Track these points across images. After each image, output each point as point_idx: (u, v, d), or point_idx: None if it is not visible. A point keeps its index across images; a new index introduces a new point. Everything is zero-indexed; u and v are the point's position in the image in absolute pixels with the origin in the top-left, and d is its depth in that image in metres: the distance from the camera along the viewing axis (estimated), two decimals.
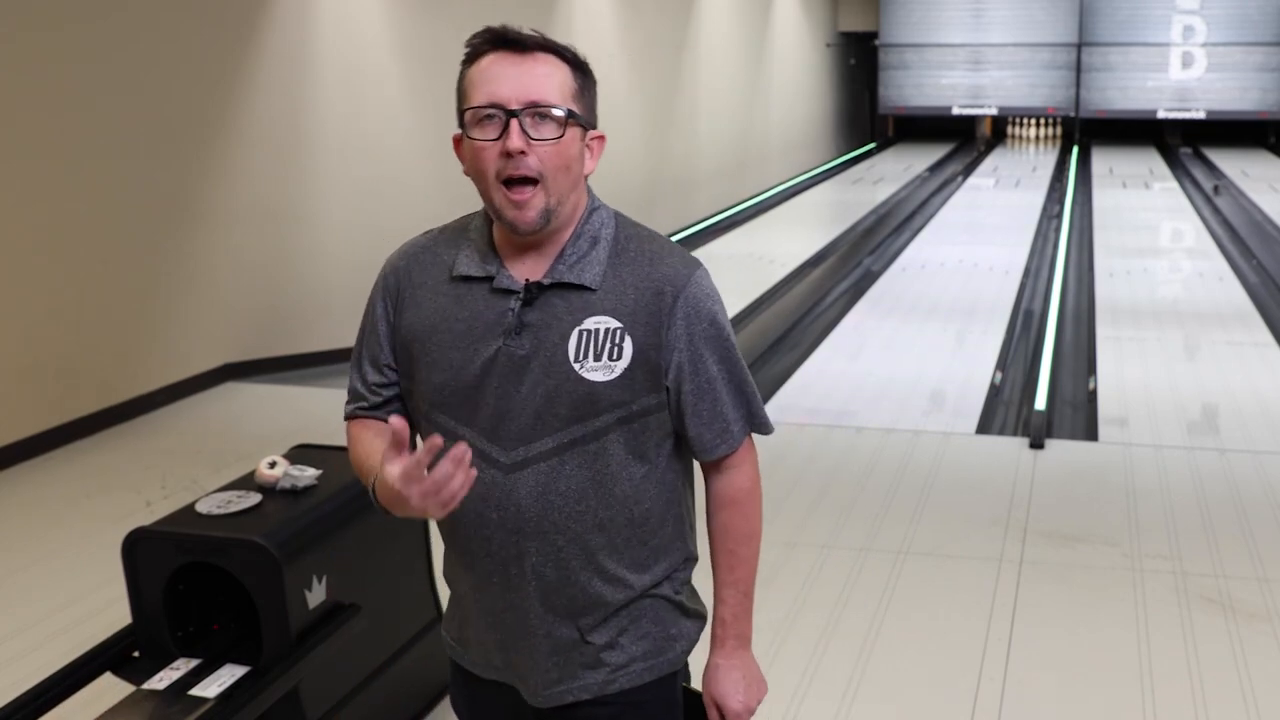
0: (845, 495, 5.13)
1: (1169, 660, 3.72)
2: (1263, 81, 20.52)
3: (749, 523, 2.03)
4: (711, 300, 1.82)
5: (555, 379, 1.74)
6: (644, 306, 1.76)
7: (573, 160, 1.75)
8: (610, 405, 1.76)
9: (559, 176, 1.73)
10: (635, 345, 1.76)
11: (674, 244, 1.87)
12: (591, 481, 1.79)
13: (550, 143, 1.71)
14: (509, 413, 1.76)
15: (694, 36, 13.42)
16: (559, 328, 1.75)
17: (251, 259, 7.04)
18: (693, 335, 1.79)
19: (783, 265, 10.80)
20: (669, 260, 1.81)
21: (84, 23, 5.81)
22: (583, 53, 1.81)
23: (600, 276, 1.77)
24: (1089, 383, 7.01)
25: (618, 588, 1.87)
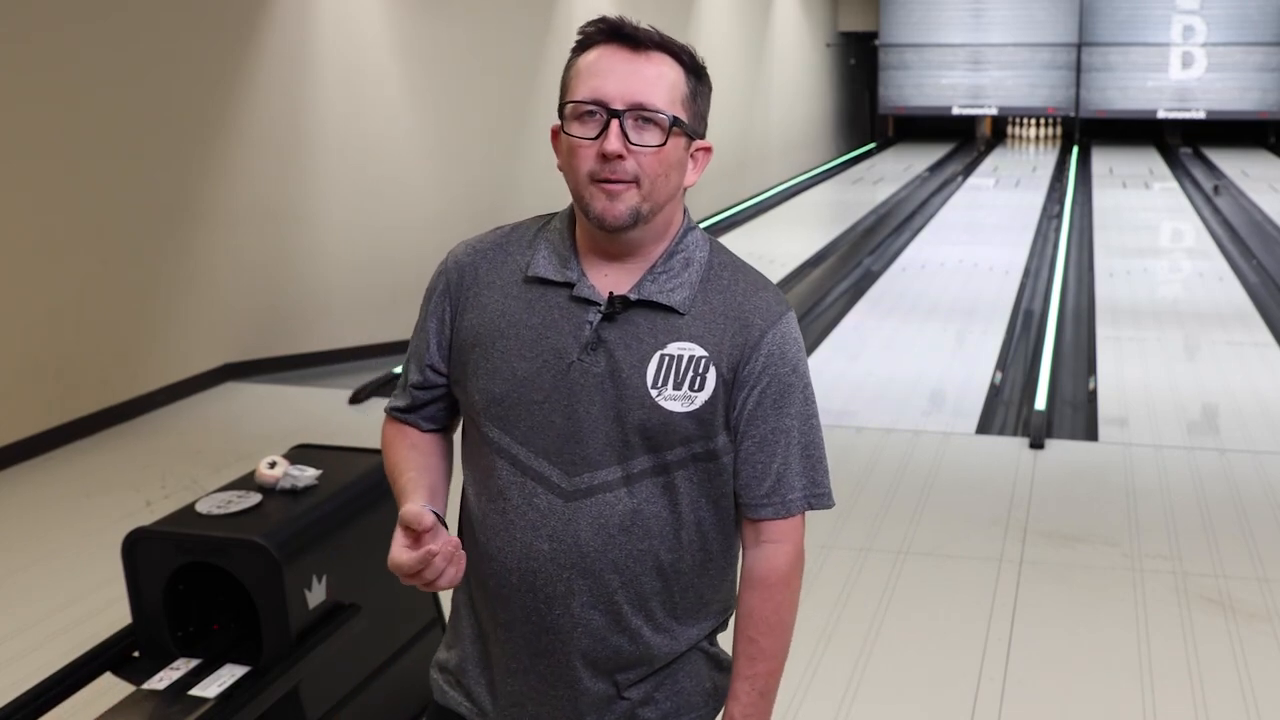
0: (845, 495, 5.13)
1: (1169, 660, 3.72)
2: (1263, 81, 20.52)
3: (779, 612, 1.71)
4: (799, 347, 1.71)
5: (630, 403, 1.62)
6: (730, 338, 1.65)
7: (673, 169, 1.63)
8: (685, 439, 1.64)
9: (657, 183, 1.62)
10: (719, 377, 1.64)
11: (768, 280, 1.77)
12: (657, 519, 1.65)
13: (651, 150, 1.60)
14: (576, 435, 1.63)
15: (694, 36, 13.42)
16: (640, 349, 1.63)
17: (251, 259, 7.04)
18: (771, 377, 1.66)
19: (783, 265, 10.79)
20: (763, 294, 1.71)
21: (84, 22, 5.81)
22: (701, 56, 1.70)
23: (690, 300, 1.66)
24: (1089, 383, 7.01)
25: (665, 638, 1.71)
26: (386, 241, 7.77)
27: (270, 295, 7.21)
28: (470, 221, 8.55)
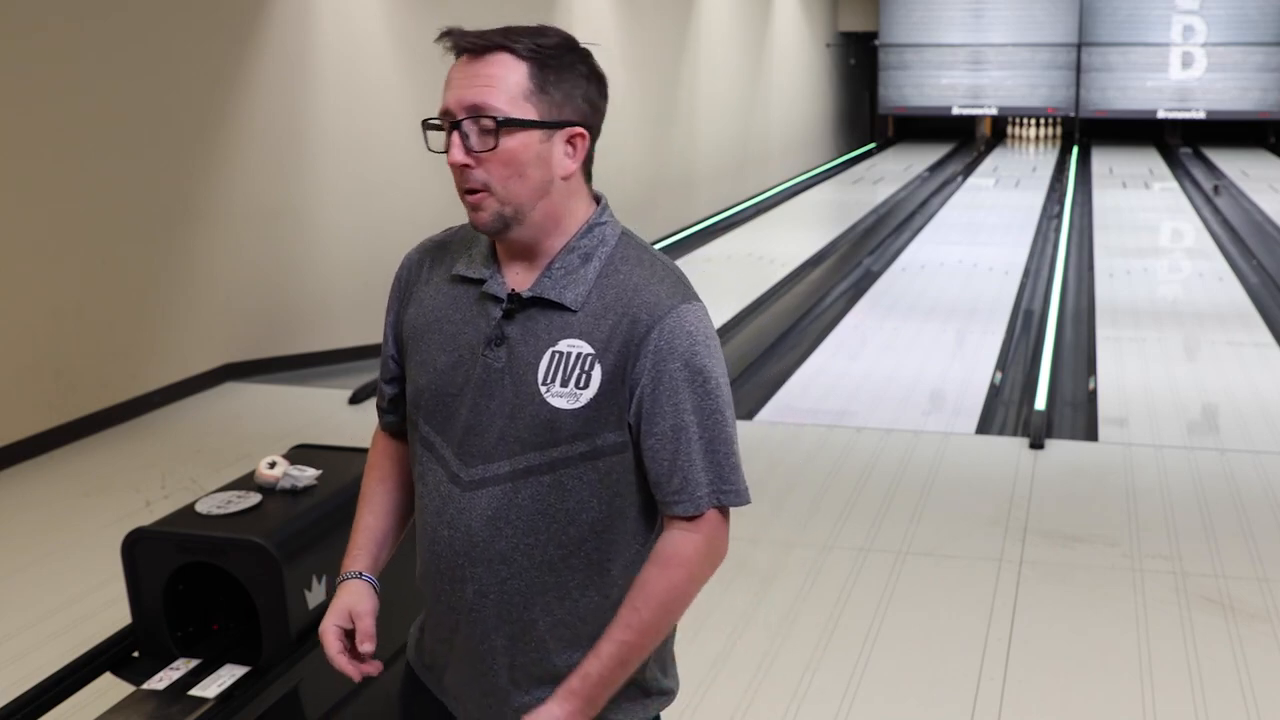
0: (845, 495, 5.13)
1: (1169, 660, 3.73)
2: (1263, 81, 20.51)
3: (670, 591, 1.66)
4: (693, 340, 1.64)
5: (523, 399, 1.64)
6: (620, 334, 1.63)
7: (527, 166, 1.63)
8: (571, 436, 1.64)
9: (510, 185, 1.63)
10: (604, 375, 1.63)
11: (674, 273, 1.71)
12: (544, 515, 1.67)
13: (490, 153, 1.62)
14: (476, 427, 1.67)
15: (694, 36, 13.42)
16: (535, 346, 1.65)
17: (251, 259, 7.03)
18: (660, 373, 1.62)
19: (783, 265, 10.80)
20: (657, 288, 1.66)
21: (84, 22, 5.81)
22: (555, 38, 1.65)
23: (583, 297, 1.65)
24: (1089, 383, 7.01)
25: (562, 636, 1.71)
26: (386, 242, 7.76)
27: (270, 295, 7.21)
28: None
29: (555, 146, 1.64)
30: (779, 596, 4.18)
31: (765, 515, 4.93)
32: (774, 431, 6.07)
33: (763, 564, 4.45)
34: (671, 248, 11.72)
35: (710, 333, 1.67)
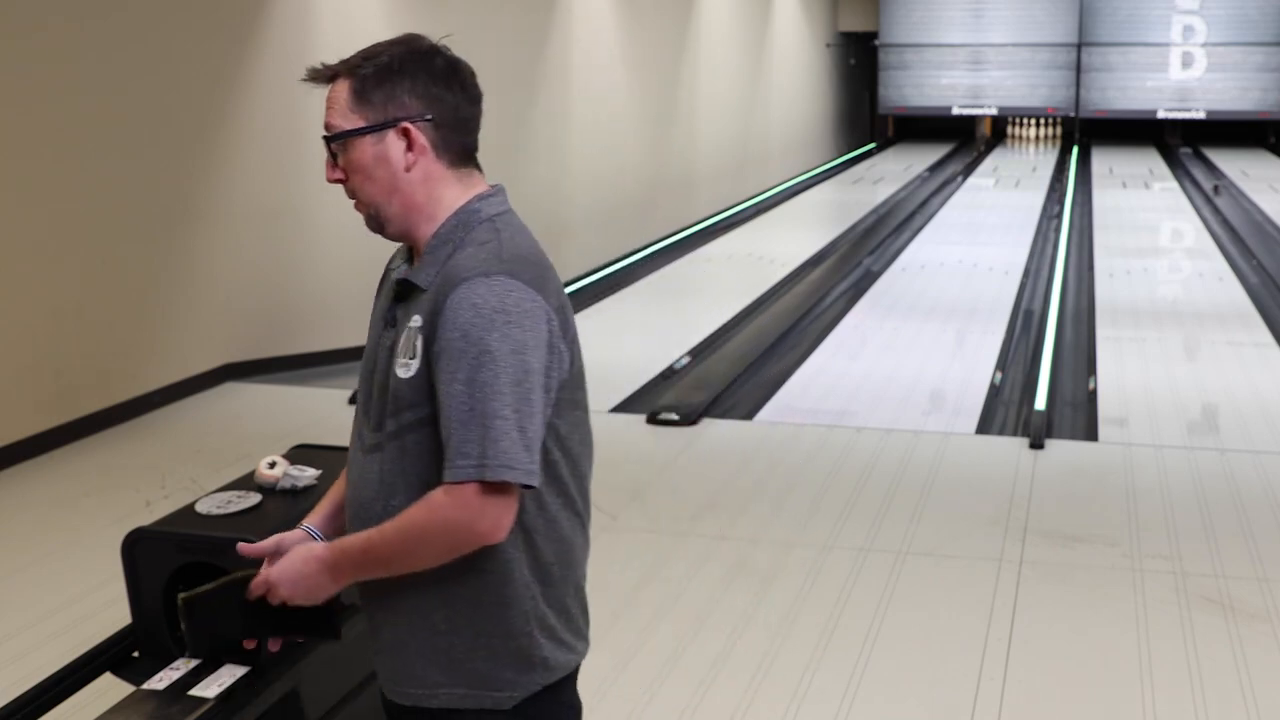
0: (845, 495, 5.13)
1: (1169, 660, 3.73)
2: (1263, 81, 20.51)
3: (411, 525, 1.71)
4: (477, 311, 1.69)
5: (388, 371, 1.80)
6: (435, 307, 1.74)
7: (371, 169, 1.81)
8: (409, 404, 1.76)
9: (364, 187, 1.83)
10: (423, 346, 1.74)
11: (498, 251, 1.76)
12: (401, 480, 1.77)
13: (345, 165, 1.83)
14: (369, 399, 1.85)
15: (694, 37, 13.42)
16: (404, 324, 1.79)
17: (251, 259, 7.03)
18: (446, 342, 1.70)
19: (783, 265, 10.80)
20: (466, 263, 1.74)
21: (85, 22, 5.81)
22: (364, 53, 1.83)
23: (433, 278, 1.78)
24: (1089, 383, 7.00)
25: (405, 602, 1.79)
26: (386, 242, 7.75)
27: (270, 295, 7.21)
28: None
29: (389, 145, 1.80)
30: (779, 596, 4.18)
31: (765, 515, 4.93)
32: (774, 431, 6.07)
33: (763, 564, 4.45)
34: (671, 248, 11.72)
35: (501, 306, 1.70)
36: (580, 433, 1.86)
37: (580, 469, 1.87)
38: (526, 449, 1.68)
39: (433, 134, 1.80)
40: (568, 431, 1.82)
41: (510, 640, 1.79)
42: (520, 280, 1.73)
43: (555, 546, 1.82)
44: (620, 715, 3.44)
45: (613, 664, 3.70)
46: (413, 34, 1.87)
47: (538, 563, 1.80)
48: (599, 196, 10.70)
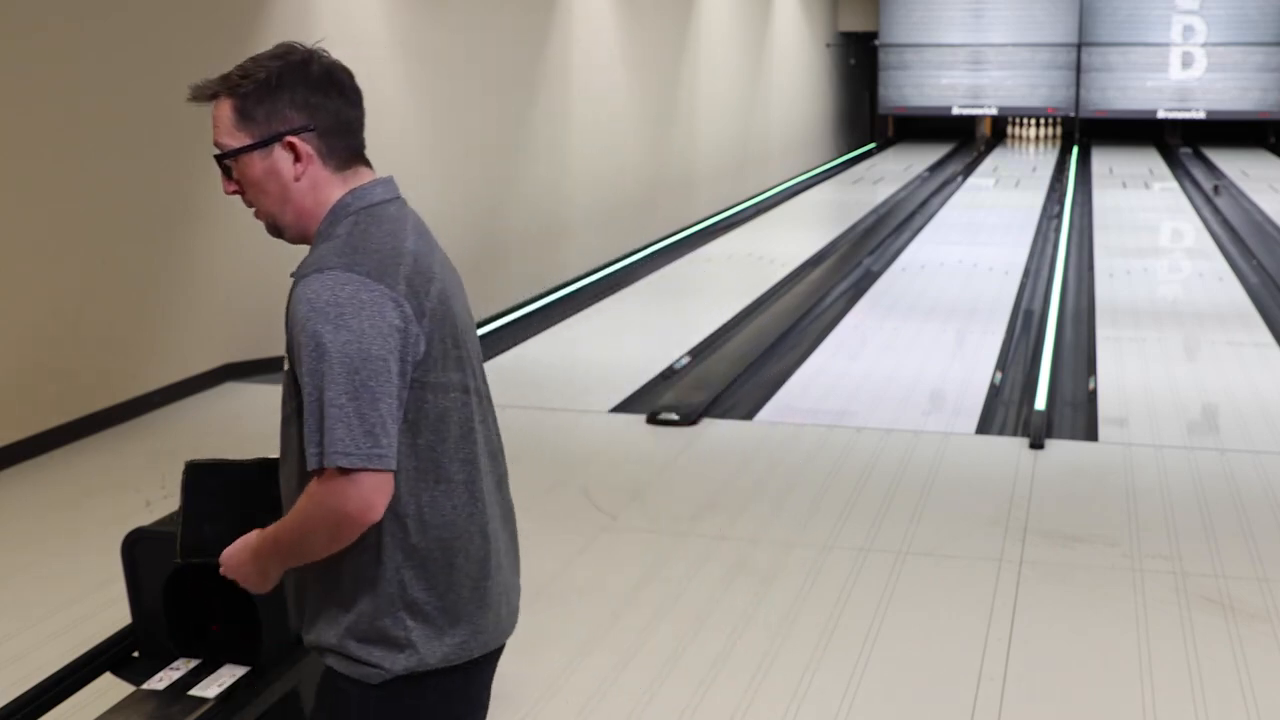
0: (845, 495, 5.13)
1: (1169, 660, 3.72)
2: (1263, 81, 20.51)
3: (299, 517, 1.81)
4: (311, 306, 1.76)
5: None
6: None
7: (261, 179, 1.87)
8: (287, 396, 1.88)
9: (260, 200, 1.89)
10: (288, 340, 1.84)
11: (342, 245, 1.82)
12: (299, 463, 1.86)
13: (240, 179, 1.89)
14: None
15: (694, 37, 13.42)
16: None
17: (251, 259, 7.03)
18: (291, 336, 1.80)
19: (783, 265, 10.80)
20: (309, 260, 1.83)
21: (85, 22, 5.81)
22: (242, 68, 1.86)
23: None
24: (1089, 383, 7.00)
25: (309, 568, 1.88)
26: None
27: (270, 295, 7.18)
28: (470, 220, 8.56)
29: (277, 159, 1.86)
30: (779, 596, 4.18)
31: (765, 515, 4.93)
32: (774, 431, 6.07)
33: (763, 564, 4.45)
34: (671, 248, 11.72)
35: (333, 299, 1.76)
36: (458, 416, 1.87)
37: (466, 453, 1.88)
38: (368, 434, 1.74)
39: (317, 142, 1.87)
40: (439, 416, 1.84)
41: (376, 619, 1.84)
42: (357, 272, 1.78)
43: (435, 532, 1.85)
44: (620, 715, 3.44)
45: (613, 664, 3.71)
46: (287, 44, 1.90)
47: (410, 547, 1.84)
48: (599, 196, 10.71)
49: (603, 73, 10.84)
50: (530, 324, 8.46)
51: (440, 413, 1.84)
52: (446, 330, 1.86)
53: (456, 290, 1.94)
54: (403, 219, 1.91)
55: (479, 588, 1.90)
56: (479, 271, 8.70)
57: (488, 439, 1.95)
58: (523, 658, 3.76)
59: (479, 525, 1.90)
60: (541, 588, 4.23)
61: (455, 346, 1.87)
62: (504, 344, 7.89)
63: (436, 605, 1.86)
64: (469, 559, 1.89)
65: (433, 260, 1.90)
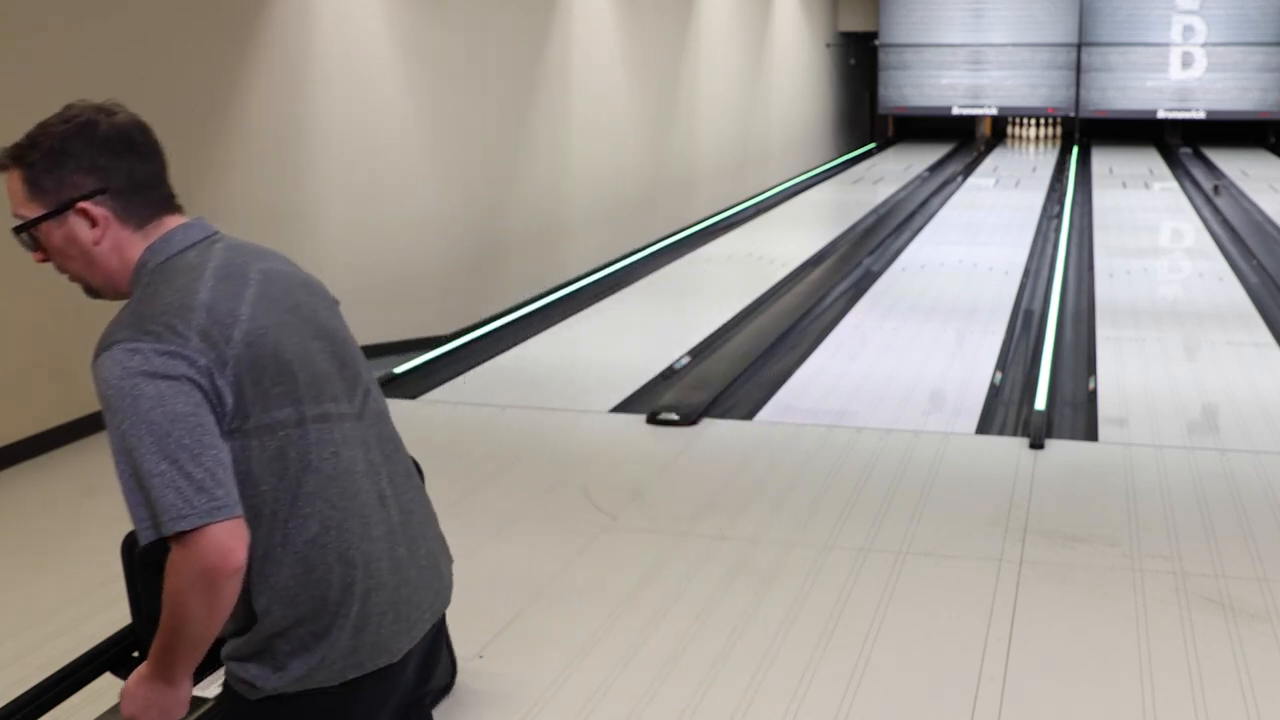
0: (845, 495, 5.13)
1: (1169, 660, 3.72)
2: (1263, 81, 20.51)
3: (172, 602, 1.81)
4: (108, 386, 1.79)
5: None
6: None
7: (62, 247, 1.87)
8: None
9: (67, 266, 1.91)
10: None
11: (130, 313, 1.83)
12: None
13: (43, 248, 1.88)
14: None
15: (694, 37, 13.42)
16: None
17: None
18: (103, 412, 1.80)
19: (783, 265, 10.79)
20: (103, 334, 1.85)
21: (85, 22, 5.81)
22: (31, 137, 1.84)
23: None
24: (1089, 383, 7.00)
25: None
26: (386, 241, 7.77)
27: None
28: (470, 221, 8.56)
29: (73, 225, 1.85)
30: (779, 596, 4.18)
31: (765, 515, 4.93)
32: (774, 431, 6.07)
33: (763, 564, 4.45)
34: (671, 248, 11.72)
35: (124, 373, 1.78)
36: (296, 451, 1.84)
37: (313, 486, 1.85)
38: (200, 490, 1.72)
39: (112, 204, 1.85)
40: (274, 456, 1.82)
41: (251, 643, 1.89)
42: (145, 340, 1.78)
43: (290, 570, 1.85)
44: (620, 715, 3.44)
45: (613, 664, 3.71)
46: (74, 106, 1.88)
47: (270, 585, 1.85)
48: (599, 196, 10.71)
49: (603, 73, 10.84)
50: (530, 324, 8.46)
51: (274, 454, 1.82)
52: (263, 370, 1.82)
53: (287, 318, 1.89)
54: (202, 265, 1.87)
55: (342, 614, 1.88)
56: (479, 271, 8.70)
57: (354, 461, 1.92)
58: (523, 658, 3.76)
59: (338, 553, 1.88)
60: (541, 588, 4.23)
61: (278, 383, 1.83)
62: (504, 344, 7.89)
63: (309, 630, 1.87)
64: (331, 587, 1.87)
65: (238, 302, 1.84)
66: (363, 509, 1.91)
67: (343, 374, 1.94)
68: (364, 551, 1.90)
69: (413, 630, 1.98)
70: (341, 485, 1.88)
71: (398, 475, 2.01)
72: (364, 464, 1.93)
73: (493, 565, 4.42)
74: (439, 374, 7.13)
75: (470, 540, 4.58)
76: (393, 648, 1.94)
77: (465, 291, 8.45)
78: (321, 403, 1.88)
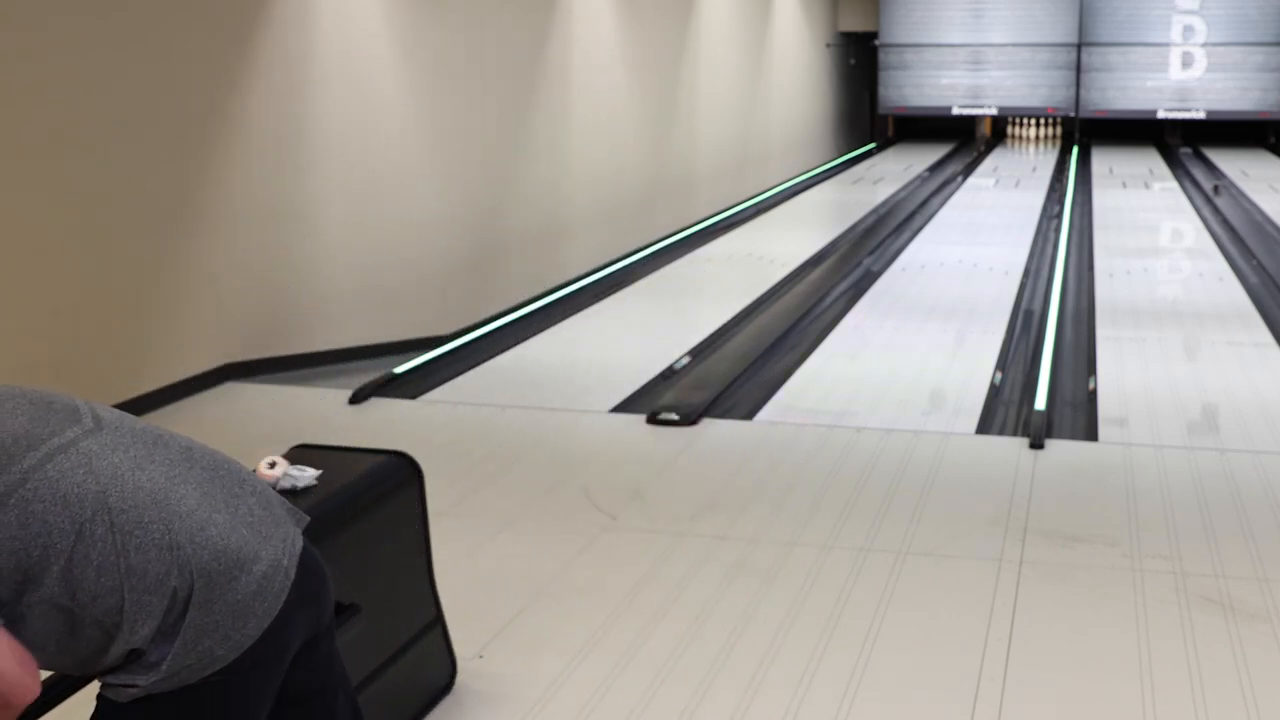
0: (845, 495, 5.13)
1: (1169, 660, 3.72)
2: (1263, 81, 20.51)
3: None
4: None
5: None
6: None
7: None
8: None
9: None
10: None
11: None
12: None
13: None
14: None
15: (694, 37, 13.42)
16: None
17: (251, 258, 7.03)
18: None
19: (783, 265, 10.79)
20: None
21: (84, 20, 5.81)
22: None
23: None
24: (1089, 383, 7.00)
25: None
26: (386, 241, 7.77)
27: (269, 295, 7.21)
28: (470, 221, 8.56)
29: None
30: (779, 596, 4.18)
31: (765, 515, 4.93)
32: (774, 431, 6.07)
33: (763, 564, 4.45)
34: (671, 248, 11.72)
35: None
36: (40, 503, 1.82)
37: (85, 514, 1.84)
38: None
39: None
40: (25, 519, 1.80)
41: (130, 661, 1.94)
42: None
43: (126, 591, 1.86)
44: (620, 715, 3.44)
45: (613, 664, 3.71)
46: None
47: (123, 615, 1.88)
48: (599, 196, 10.71)
49: (602, 73, 10.84)
50: (530, 324, 8.46)
51: (21, 516, 1.80)
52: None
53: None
54: None
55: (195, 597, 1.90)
56: (479, 271, 8.70)
57: (117, 465, 1.91)
58: (523, 658, 3.76)
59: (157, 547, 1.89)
60: (541, 588, 4.23)
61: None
62: (504, 344, 7.89)
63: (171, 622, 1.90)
64: (170, 576, 1.88)
65: None
66: (154, 497, 1.90)
67: (50, 411, 1.92)
68: (179, 530, 1.90)
69: (273, 583, 1.98)
70: (117, 490, 1.87)
71: (174, 455, 2.00)
72: (129, 461, 1.92)
73: (492, 565, 4.42)
74: (439, 374, 7.13)
75: (470, 540, 4.58)
76: (259, 609, 1.96)
77: (465, 291, 8.45)
78: (36, 448, 1.85)
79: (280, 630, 1.98)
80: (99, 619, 1.85)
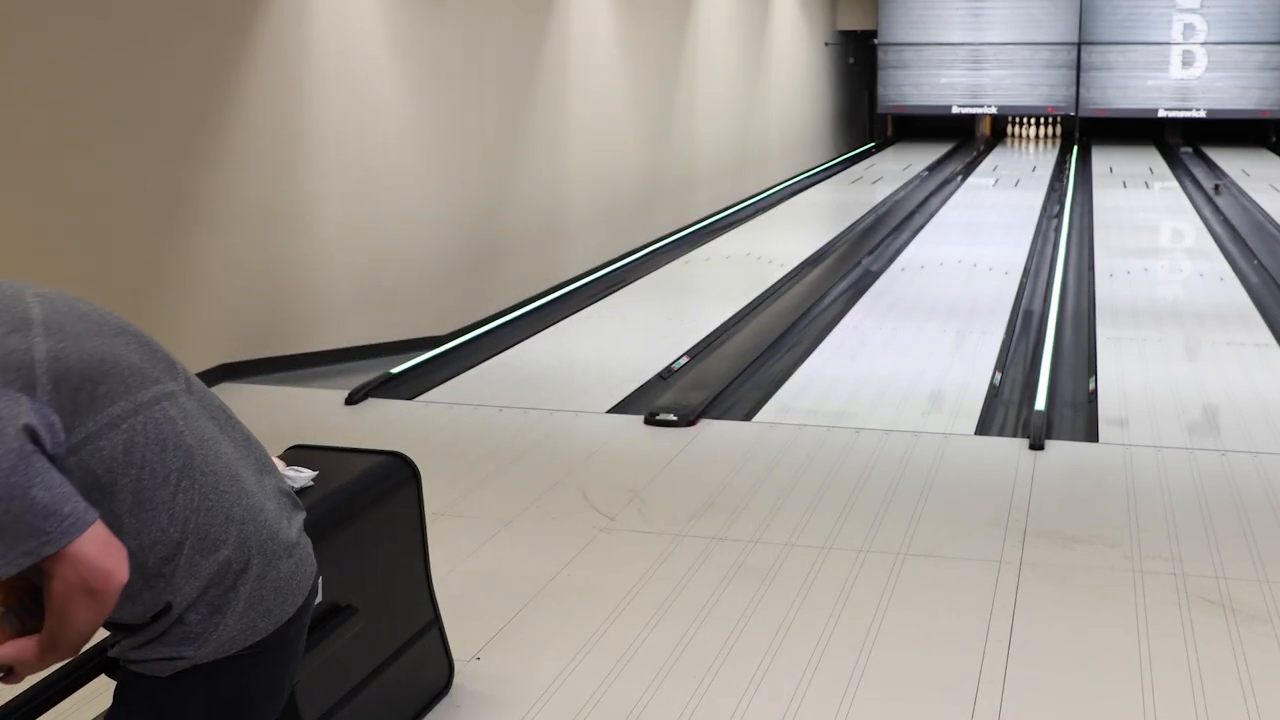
0: (845, 495, 5.12)
1: (1169, 661, 3.72)
2: (1263, 80, 20.51)
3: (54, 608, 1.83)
4: None
5: None
6: None
7: None
8: None
9: None
10: None
11: None
12: None
13: None
14: None
15: (693, 36, 13.41)
16: None
17: (248, 258, 7.03)
18: None
19: (782, 265, 10.79)
20: None
21: (80, 20, 5.80)
22: None
23: None
24: (1089, 383, 6.99)
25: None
26: (383, 241, 7.76)
27: (266, 295, 7.20)
28: (468, 221, 8.55)
29: None
30: (779, 596, 4.17)
31: (764, 515, 4.92)
32: (774, 431, 6.06)
33: (762, 564, 4.44)
34: (671, 247, 11.72)
35: None
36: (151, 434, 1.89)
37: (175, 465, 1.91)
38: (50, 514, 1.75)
39: None
40: (122, 452, 1.86)
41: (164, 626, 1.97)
42: None
43: (188, 546, 1.92)
44: (620, 715, 3.44)
45: (612, 664, 3.70)
46: None
47: (173, 565, 1.92)
48: (598, 196, 10.70)
49: (601, 72, 10.83)
50: (528, 324, 8.45)
51: (124, 446, 1.86)
52: (75, 381, 1.84)
53: (80, 326, 1.94)
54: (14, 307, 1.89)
55: (247, 572, 1.98)
56: (478, 272, 8.69)
57: (204, 429, 2.00)
58: (521, 658, 3.75)
59: (223, 514, 1.96)
60: (540, 588, 4.23)
61: (97, 384, 1.87)
62: (503, 344, 7.88)
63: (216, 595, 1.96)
64: (226, 545, 1.96)
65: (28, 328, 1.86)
66: (229, 469, 1.99)
67: (155, 358, 2.04)
68: (244, 506, 1.99)
69: (305, 566, 2.10)
70: (202, 452, 1.95)
71: (238, 437, 2.10)
72: (213, 429, 2.03)
73: (490, 566, 4.41)
74: (436, 374, 7.12)
75: (469, 540, 4.57)
76: (295, 588, 2.05)
77: (463, 291, 8.44)
78: (148, 387, 1.95)
79: (305, 613, 2.10)
80: (145, 565, 1.89)
